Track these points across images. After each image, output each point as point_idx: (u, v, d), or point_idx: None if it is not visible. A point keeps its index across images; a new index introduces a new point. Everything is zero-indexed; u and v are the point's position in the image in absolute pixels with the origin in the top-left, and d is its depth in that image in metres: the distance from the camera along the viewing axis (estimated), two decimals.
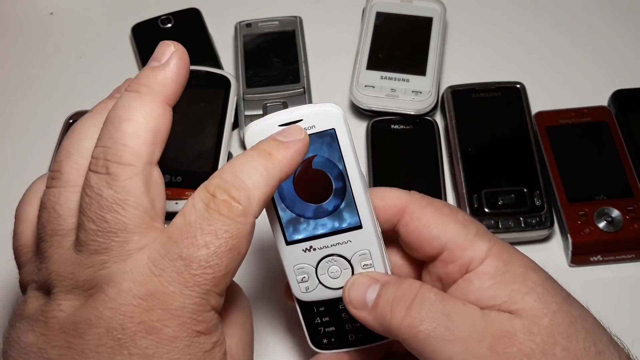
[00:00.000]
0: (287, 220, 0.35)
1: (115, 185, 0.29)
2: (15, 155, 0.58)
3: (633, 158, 0.52)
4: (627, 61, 0.61)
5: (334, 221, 0.35)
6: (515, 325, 0.31)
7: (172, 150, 0.53)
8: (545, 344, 0.30)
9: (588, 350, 0.31)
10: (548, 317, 0.31)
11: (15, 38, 0.66)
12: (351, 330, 0.38)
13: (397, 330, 0.32)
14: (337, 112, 0.34)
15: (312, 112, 0.34)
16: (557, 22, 0.64)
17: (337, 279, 0.36)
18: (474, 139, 0.53)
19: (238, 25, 0.62)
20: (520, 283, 0.32)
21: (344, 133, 0.34)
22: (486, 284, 0.33)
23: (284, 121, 0.33)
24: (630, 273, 0.49)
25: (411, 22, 0.60)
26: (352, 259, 0.36)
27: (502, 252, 0.34)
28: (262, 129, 0.33)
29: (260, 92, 0.57)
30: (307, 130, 0.33)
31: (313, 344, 0.39)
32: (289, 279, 0.37)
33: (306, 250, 0.36)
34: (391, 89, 0.56)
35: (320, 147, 0.34)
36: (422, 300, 0.32)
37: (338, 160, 0.34)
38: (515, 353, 0.30)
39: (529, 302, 0.32)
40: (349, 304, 0.35)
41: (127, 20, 0.64)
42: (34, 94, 0.62)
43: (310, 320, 0.38)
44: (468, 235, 0.34)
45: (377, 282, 0.34)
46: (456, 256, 0.34)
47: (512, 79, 0.56)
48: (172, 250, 0.28)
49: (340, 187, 0.35)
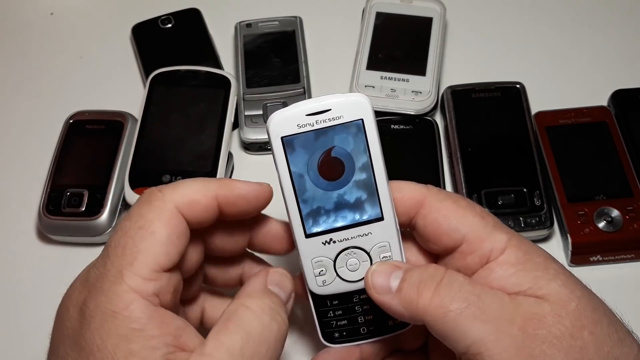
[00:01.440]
0: (307, 213, 0.35)
1: None
2: (16, 155, 0.58)
3: (632, 158, 0.52)
4: (627, 61, 0.61)
5: (355, 213, 0.35)
6: (545, 309, 0.31)
7: (172, 150, 0.53)
8: (573, 327, 0.31)
9: (612, 337, 0.31)
10: (574, 302, 0.31)
11: (15, 38, 0.66)
12: (364, 322, 0.38)
13: (424, 311, 0.32)
14: (365, 103, 0.34)
15: (341, 102, 0.33)
16: (557, 22, 0.64)
17: (355, 272, 0.36)
18: (473, 139, 0.53)
19: (238, 25, 0.62)
20: (542, 270, 0.33)
21: (371, 124, 0.34)
22: (508, 272, 0.33)
23: (311, 110, 0.33)
24: (630, 273, 0.49)
25: (411, 22, 0.60)
26: (371, 251, 0.36)
27: (520, 243, 0.34)
28: (288, 118, 0.33)
29: (260, 92, 0.57)
30: (334, 121, 0.33)
31: (324, 338, 0.39)
32: (305, 273, 0.36)
33: (326, 242, 0.35)
34: (391, 89, 0.56)
35: (346, 138, 0.34)
36: (450, 281, 0.32)
37: (364, 150, 0.34)
38: (546, 335, 0.30)
39: (555, 288, 0.32)
40: (372, 289, 0.35)
41: (127, 20, 0.64)
42: (34, 94, 0.62)
43: (322, 314, 0.38)
44: (486, 227, 0.34)
45: (399, 269, 0.35)
46: (476, 247, 0.34)
47: (512, 79, 0.57)
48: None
49: (363, 178, 0.35)
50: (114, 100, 0.59)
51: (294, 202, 0.35)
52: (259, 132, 0.55)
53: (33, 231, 0.53)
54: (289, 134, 0.34)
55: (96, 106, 0.57)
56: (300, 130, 0.34)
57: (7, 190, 0.56)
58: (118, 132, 0.55)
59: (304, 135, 0.34)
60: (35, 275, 0.51)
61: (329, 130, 0.34)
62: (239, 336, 0.31)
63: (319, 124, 0.33)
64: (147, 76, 0.57)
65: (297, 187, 0.34)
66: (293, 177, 0.34)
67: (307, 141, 0.34)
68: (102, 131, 0.55)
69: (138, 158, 0.52)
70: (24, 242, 0.53)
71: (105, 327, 0.29)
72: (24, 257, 0.52)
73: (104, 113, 0.56)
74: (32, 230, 0.53)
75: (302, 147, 0.34)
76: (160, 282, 0.31)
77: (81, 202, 0.51)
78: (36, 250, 0.53)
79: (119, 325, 0.29)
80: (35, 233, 0.53)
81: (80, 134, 0.55)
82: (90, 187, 0.52)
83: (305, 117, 0.33)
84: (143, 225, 0.31)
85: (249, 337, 0.31)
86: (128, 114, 0.56)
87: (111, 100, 0.59)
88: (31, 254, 0.52)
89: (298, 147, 0.34)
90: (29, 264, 0.52)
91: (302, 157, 0.34)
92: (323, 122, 0.33)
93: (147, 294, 0.30)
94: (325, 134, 0.34)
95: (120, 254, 0.31)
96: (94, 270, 0.31)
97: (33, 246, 0.53)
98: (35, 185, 0.54)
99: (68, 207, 0.51)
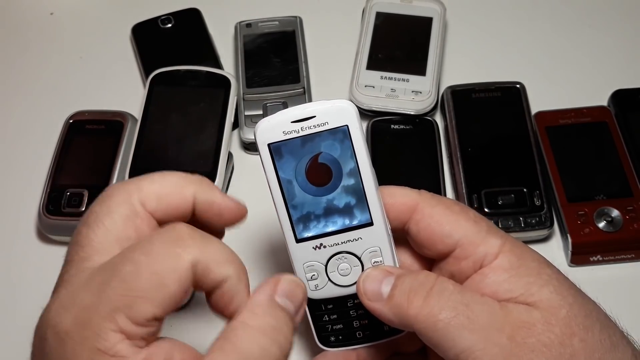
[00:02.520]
0: (297, 218, 0.35)
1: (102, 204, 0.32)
2: (16, 155, 0.58)
3: (632, 158, 0.52)
4: (627, 61, 0.61)
5: (344, 218, 0.35)
6: (534, 316, 0.31)
7: (172, 150, 0.53)
8: (563, 335, 0.31)
9: (604, 343, 0.31)
10: (565, 308, 0.31)
11: (15, 38, 0.66)
12: (359, 327, 0.38)
13: (414, 319, 0.32)
14: (350, 109, 0.34)
15: (325, 109, 0.34)
16: (557, 22, 0.64)
17: (346, 277, 0.36)
18: (473, 139, 0.53)
19: (238, 25, 0.62)
20: (535, 276, 0.33)
21: (356, 130, 0.34)
22: (501, 277, 0.33)
23: (296, 117, 0.34)
24: (630, 273, 0.49)
25: (411, 22, 0.60)
26: (362, 256, 0.36)
27: (514, 248, 0.34)
28: (274, 125, 0.34)
29: (260, 92, 0.57)
30: (319, 127, 0.34)
31: (320, 341, 0.39)
32: (297, 277, 0.36)
33: (316, 247, 0.36)
34: (391, 89, 0.56)
35: (332, 144, 0.34)
36: (440, 290, 0.32)
37: (350, 156, 0.34)
38: (535, 343, 0.30)
39: (546, 294, 0.32)
40: (363, 296, 0.35)
41: (127, 20, 0.64)
42: (34, 94, 0.62)
43: (318, 318, 0.38)
44: (480, 232, 0.34)
45: (391, 275, 0.34)
46: (469, 252, 0.34)
47: (512, 79, 0.56)
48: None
49: (352, 184, 0.35)
50: (114, 100, 0.59)
51: (283, 208, 0.35)
52: None
53: (33, 231, 0.53)
54: (275, 141, 0.34)
55: (96, 106, 0.57)
56: (287, 137, 0.34)
57: (7, 190, 0.56)
58: (118, 132, 0.55)
59: (290, 142, 0.34)
60: (35, 275, 0.51)
61: (315, 137, 0.34)
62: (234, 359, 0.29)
63: (304, 130, 0.34)
64: (147, 76, 0.57)
65: (286, 193, 0.35)
66: (282, 183, 0.35)
67: (293, 148, 0.34)
68: (102, 131, 0.55)
69: (138, 158, 0.52)
70: (24, 242, 0.53)
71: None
72: (24, 257, 0.52)
73: (104, 113, 0.56)
74: (32, 230, 0.53)
75: (289, 154, 0.34)
76: (152, 329, 0.29)
77: (81, 202, 0.51)
78: (36, 250, 0.53)
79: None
80: (35, 233, 0.53)
81: (80, 134, 0.55)
82: (90, 187, 0.52)
83: (291, 124, 0.34)
84: (158, 272, 0.28)
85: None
86: (128, 114, 0.56)
87: (111, 100, 0.59)
88: (31, 254, 0.52)
89: (285, 153, 0.34)
90: (29, 264, 0.52)
91: (290, 163, 0.34)
92: (308, 128, 0.34)
93: (135, 338, 0.28)
94: (312, 140, 0.34)
95: (123, 292, 0.28)
96: (82, 296, 0.29)
97: (33, 246, 0.53)
98: (35, 185, 0.54)
99: (68, 207, 0.51)
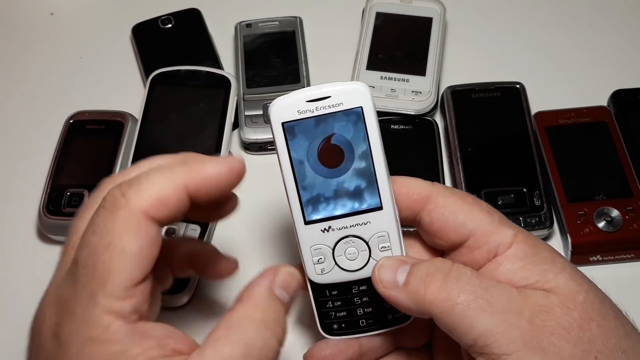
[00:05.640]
0: (307, 200, 0.35)
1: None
2: (16, 155, 0.58)
3: (632, 158, 0.52)
4: (627, 61, 0.61)
5: (354, 201, 0.35)
6: (553, 301, 0.31)
7: (172, 150, 0.53)
8: (581, 319, 0.31)
9: (619, 330, 0.31)
10: (582, 294, 0.32)
11: (15, 38, 0.66)
12: (363, 315, 0.38)
13: (431, 304, 0.32)
14: (365, 91, 0.34)
15: (341, 90, 0.34)
16: (557, 22, 0.64)
17: (353, 261, 0.36)
18: (473, 139, 0.53)
19: (238, 26, 0.62)
20: (550, 264, 0.33)
21: (370, 112, 0.34)
22: (516, 265, 0.33)
23: (311, 97, 0.34)
24: (630, 273, 0.49)
25: (411, 22, 0.60)
26: (370, 241, 0.36)
27: (527, 239, 0.34)
28: (288, 104, 0.34)
29: (261, 92, 0.57)
30: (334, 108, 0.34)
31: (323, 329, 0.38)
32: (304, 261, 0.37)
33: (324, 230, 0.36)
34: (391, 89, 0.56)
35: (346, 126, 0.34)
36: (458, 274, 0.32)
37: (363, 139, 0.34)
38: (554, 326, 0.31)
39: (563, 281, 0.32)
40: (379, 284, 0.35)
41: (127, 20, 0.64)
42: (34, 94, 0.62)
43: (321, 304, 0.38)
44: (493, 222, 0.35)
45: (406, 264, 0.34)
46: (483, 242, 0.34)
47: (512, 79, 0.57)
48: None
49: (363, 167, 0.35)
50: (114, 100, 0.59)
51: (293, 189, 0.35)
52: (259, 132, 0.55)
53: (33, 231, 0.53)
54: (290, 120, 0.34)
55: (96, 106, 0.57)
56: (301, 116, 0.34)
57: (7, 190, 0.56)
58: (118, 132, 0.55)
59: (304, 121, 0.34)
60: (35, 275, 0.51)
61: (329, 118, 0.34)
62: (240, 350, 0.30)
63: (318, 110, 0.34)
64: (147, 76, 0.57)
65: (297, 174, 0.35)
66: (293, 163, 0.35)
67: (307, 128, 0.34)
68: (102, 131, 0.55)
69: (138, 158, 0.52)
70: (24, 242, 0.53)
71: (84, 353, 0.28)
72: (24, 257, 0.52)
73: (104, 113, 0.56)
74: (32, 230, 0.53)
75: (302, 134, 0.34)
76: (135, 298, 0.29)
77: (81, 202, 0.51)
78: (36, 250, 0.53)
79: (99, 350, 0.28)
80: (35, 233, 0.53)
81: (80, 134, 0.55)
82: (90, 187, 0.51)
83: (306, 104, 0.34)
84: (111, 241, 0.29)
85: (250, 352, 0.30)
86: (128, 114, 0.56)
87: (111, 100, 0.59)
88: (31, 254, 0.52)
89: (299, 133, 0.34)
90: (29, 264, 0.52)
91: (303, 143, 0.34)
92: (323, 108, 0.34)
93: (124, 313, 0.29)
94: (325, 121, 0.34)
95: (90, 275, 0.29)
96: (64, 291, 0.30)
97: (33, 246, 0.53)
98: (35, 185, 0.54)
99: (68, 207, 0.51)
